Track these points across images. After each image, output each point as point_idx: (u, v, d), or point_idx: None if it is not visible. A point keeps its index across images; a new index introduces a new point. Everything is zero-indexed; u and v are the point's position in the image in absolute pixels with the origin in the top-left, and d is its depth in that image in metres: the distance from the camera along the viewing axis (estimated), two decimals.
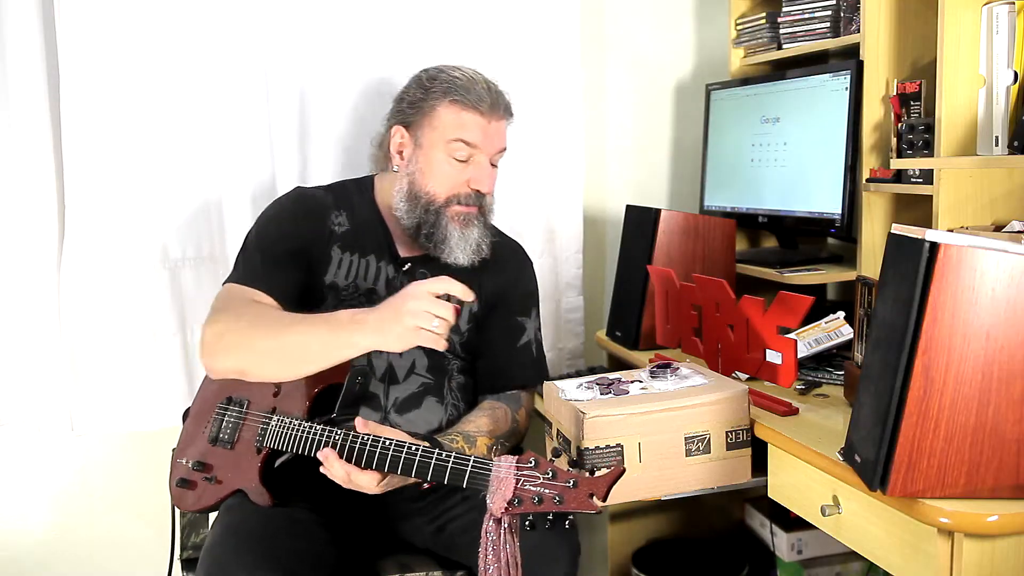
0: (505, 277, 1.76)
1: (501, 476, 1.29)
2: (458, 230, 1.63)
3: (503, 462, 1.30)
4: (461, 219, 1.64)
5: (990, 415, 1.09)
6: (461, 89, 1.62)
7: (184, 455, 1.66)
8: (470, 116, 1.62)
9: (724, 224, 2.02)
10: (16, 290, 1.94)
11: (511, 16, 2.14)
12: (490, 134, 1.64)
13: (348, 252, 1.66)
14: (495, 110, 1.64)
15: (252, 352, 1.47)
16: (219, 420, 1.62)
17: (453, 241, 1.63)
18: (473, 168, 1.63)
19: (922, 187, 1.69)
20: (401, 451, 1.38)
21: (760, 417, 1.48)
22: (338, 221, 1.68)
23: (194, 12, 1.94)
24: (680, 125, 2.43)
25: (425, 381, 1.66)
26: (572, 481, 1.26)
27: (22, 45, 1.87)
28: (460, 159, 1.62)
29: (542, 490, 1.26)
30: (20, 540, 2.12)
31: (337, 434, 1.43)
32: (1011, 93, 1.56)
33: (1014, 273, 1.07)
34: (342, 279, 1.64)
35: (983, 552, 1.11)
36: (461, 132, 1.62)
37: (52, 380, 1.97)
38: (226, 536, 1.45)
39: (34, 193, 1.92)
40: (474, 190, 1.64)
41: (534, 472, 1.27)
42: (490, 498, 1.29)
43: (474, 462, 1.33)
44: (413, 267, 1.68)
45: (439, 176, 1.63)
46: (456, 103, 1.62)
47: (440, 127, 1.63)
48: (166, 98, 1.95)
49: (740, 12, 2.29)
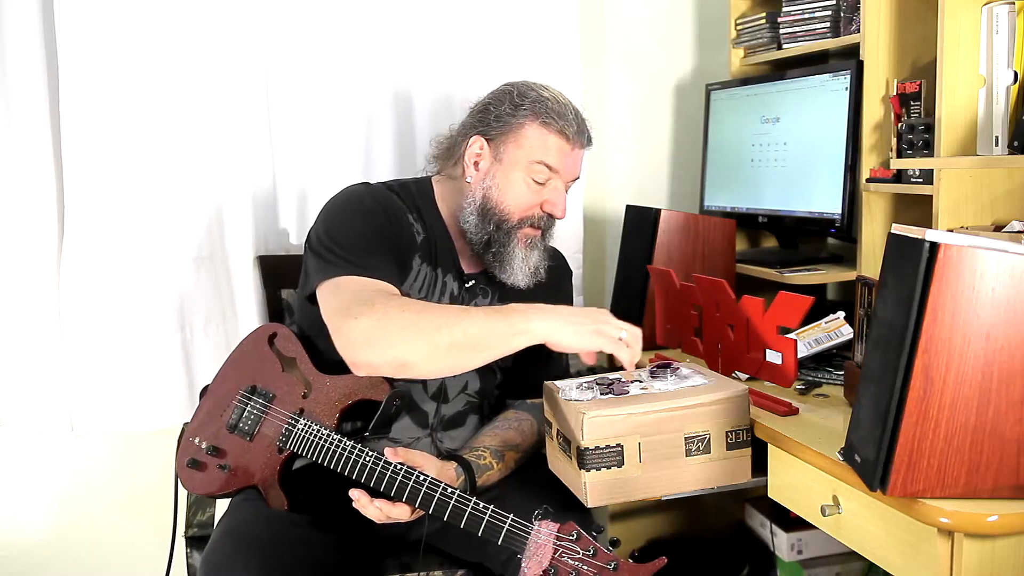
0: (548, 288, 1.70)
1: (540, 542, 1.26)
2: (523, 252, 1.61)
3: (543, 528, 1.27)
4: (527, 241, 1.61)
5: (990, 415, 1.09)
6: (553, 112, 1.58)
7: (198, 435, 1.60)
8: (556, 140, 1.58)
9: (724, 224, 2.03)
10: (16, 290, 1.94)
11: (511, 16, 2.14)
12: (572, 161, 1.61)
13: (426, 263, 1.61)
14: (579, 138, 1.61)
15: (420, 343, 1.36)
16: (241, 408, 1.58)
17: (517, 263, 1.60)
18: (549, 192, 1.60)
19: (922, 187, 1.69)
20: (435, 491, 1.36)
21: (760, 417, 1.48)
22: (416, 228, 1.62)
23: (194, 12, 1.94)
24: (680, 125, 2.43)
25: (471, 400, 1.66)
26: (613, 564, 1.23)
27: (22, 45, 1.87)
28: (538, 181, 1.59)
29: (580, 566, 1.24)
30: (20, 540, 2.12)
31: (368, 456, 1.41)
32: (1011, 93, 1.56)
33: (1014, 273, 1.07)
34: (416, 292, 1.59)
35: (983, 552, 1.11)
36: (545, 155, 1.58)
37: (52, 380, 1.97)
38: (227, 539, 1.44)
39: (34, 193, 1.92)
40: (547, 214, 1.61)
41: (574, 546, 1.25)
42: (525, 562, 1.26)
43: (511, 522, 1.30)
44: (475, 285, 1.65)
45: (516, 195, 1.59)
46: (546, 125, 1.58)
47: (526, 147, 1.59)
48: (166, 98, 1.95)
49: (740, 12, 2.29)
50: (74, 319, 1.93)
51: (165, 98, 1.95)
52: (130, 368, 1.96)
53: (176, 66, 1.95)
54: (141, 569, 2.14)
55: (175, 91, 1.96)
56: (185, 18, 1.94)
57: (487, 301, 1.66)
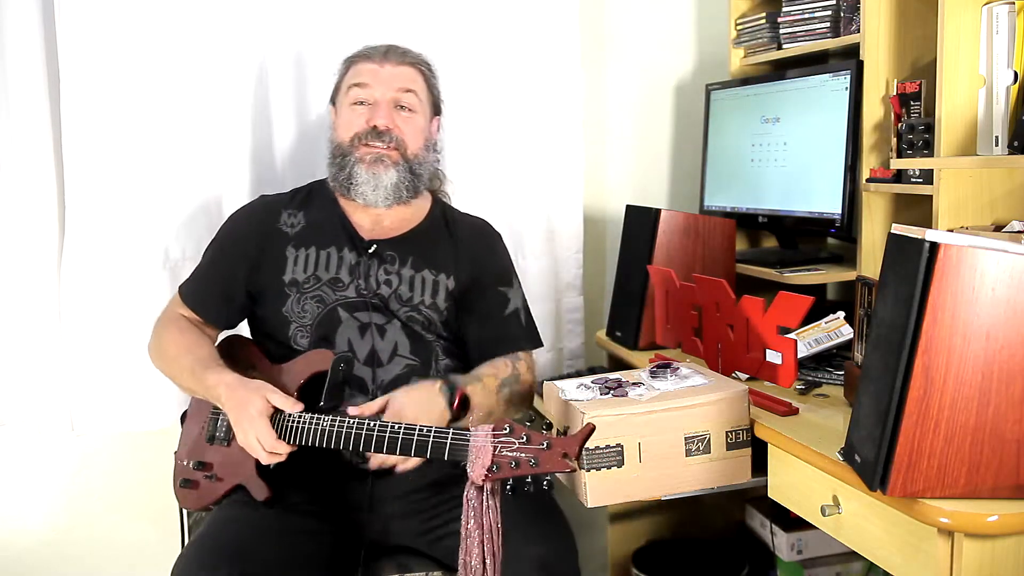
0: (477, 252, 1.78)
1: (479, 444, 1.33)
2: (365, 170, 1.68)
3: (480, 431, 1.34)
4: (369, 160, 1.68)
5: (990, 415, 1.09)
6: (359, 52, 1.76)
7: (185, 456, 1.69)
8: (363, 65, 1.73)
9: (724, 224, 2.02)
10: (16, 290, 1.94)
11: (511, 16, 2.14)
12: (384, 75, 1.71)
13: (303, 248, 1.70)
14: (389, 56, 1.73)
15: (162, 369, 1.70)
16: (214, 420, 1.66)
17: (361, 180, 1.69)
18: (371, 108, 1.70)
19: (922, 187, 1.69)
20: (385, 431, 1.44)
21: (760, 417, 1.48)
22: (290, 223, 1.73)
23: (194, 11, 1.94)
24: (680, 125, 2.43)
25: (410, 363, 1.68)
26: (546, 443, 1.31)
27: (22, 45, 1.87)
28: (358, 101, 1.71)
29: (518, 454, 1.31)
30: (21, 540, 2.12)
31: (324, 421, 1.49)
32: (1011, 93, 1.56)
33: (1014, 273, 1.07)
34: (301, 274, 1.68)
35: (983, 552, 1.11)
36: (355, 78, 1.72)
37: (52, 380, 1.97)
38: (194, 548, 1.49)
39: (34, 193, 1.92)
40: (371, 127, 1.69)
41: (510, 438, 1.31)
42: (470, 466, 1.33)
43: (453, 434, 1.39)
44: (380, 249, 1.71)
45: (343, 122, 1.73)
46: (354, 63, 1.75)
47: (343, 86, 1.75)
48: (166, 98, 1.95)
49: (740, 12, 2.29)
50: (74, 319, 1.94)
51: (166, 98, 1.95)
52: (130, 368, 1.96)
53: (177, 66, 1.95)
54: (141, 569, 2.14)
55: (177, 91, 1.96)
56: (186, 18, 1.94)
57: (395, 266, 1.71)
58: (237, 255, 1.71)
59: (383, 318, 1.67)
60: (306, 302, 1.66)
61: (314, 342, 1.65)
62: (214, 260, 1.74)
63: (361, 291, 1.67)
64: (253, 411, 1.50)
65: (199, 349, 1.65)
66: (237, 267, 1.70)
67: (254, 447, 1.50)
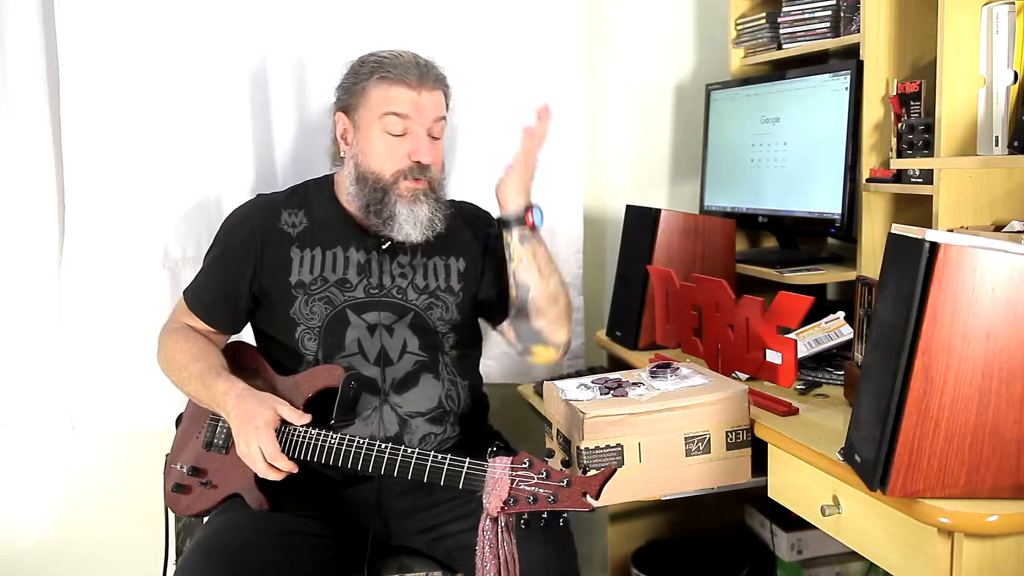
0: (478, 229, 1.78)
1: (496, 476, 1.31)
2: (407, 207, 1.64)
3: (498, 463, 1.32)
4: (410, 195, 1.65)
5: (990, 415, 1.09)
6: (388, 65, 1.65)
7: (178, 460, 1.68)
8: (398, 89, 1.64)
9: (724, 224, 2.02)
10: (16, 290, 1.94)
11: (511, 16, 2.14)
12: (421, 104, 1.64)
13: (308, 249, 1.68)
14: (424, 81, 1.65)
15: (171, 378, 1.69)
16: (213, 426, 1.65)
17: (402, 218, 1.64)
18: (411, 140, 1.65)
19: (922, 187, 1.69)
20: (397, 454, 1.43)
21: (760, 417, 1.48)
22: (291, 222, 1.71)
23: (194, 11, 1.94)
24: (680, 125, 2.43)
25: (419, 359, 1.67)
26: (566, 480, 1.29)
27: (22, 45, 1.88)
28: (395, 133, 1.63)
29: (537, 489, 1.29)
30: (20, 540, 2.12)
31: (333, 439, 1.48)
32: (1011, 93, 1.56)
33: (1014, 273, 1.07)
34: (307, 276, 1.67)
35: (983, 552, 1.11)
36: (391, 105, 1.63)
37: (52, 380, 1.97)
38: (195, 551, 1.49)
39: (34, 193, 1.93)
40: (415, 163, 1.65)
41: (528, 472, 1.30)
42: (486, 498, 1.31)
43: (469, 464, 1.37)
44: (393, 245, 1.69)
45: (378, 152, 1.64)
46: (384, 79, 1.64)
47: (373, 105, 1.65)
48: (166, 98, 1.95)
49: (740, 12, 2.29)
50: (74, 319, 1.94)
51: (166, 99, 1.95)
52: (130, 368, 1.96)
53: (177, 65, 1.95)
54: (141, 569, 2.14)
55: (176, 91, 1.96)
56: (186, 18, 1.94)
57: (408, 256, 1.70)
58: (239, 258, 1.69)
59: (392, 317, 1.66)
60: (314, 304, 1.65)
61: (322, 344, 1.64)
62: (216, 265, 1.72)
63: (370, 290, 1.66)
64: (260, 422, 1.49)
65: (207, 357, 1.64)
66: (240, 270, 1.68)
67: (255, 458, 1.49)
